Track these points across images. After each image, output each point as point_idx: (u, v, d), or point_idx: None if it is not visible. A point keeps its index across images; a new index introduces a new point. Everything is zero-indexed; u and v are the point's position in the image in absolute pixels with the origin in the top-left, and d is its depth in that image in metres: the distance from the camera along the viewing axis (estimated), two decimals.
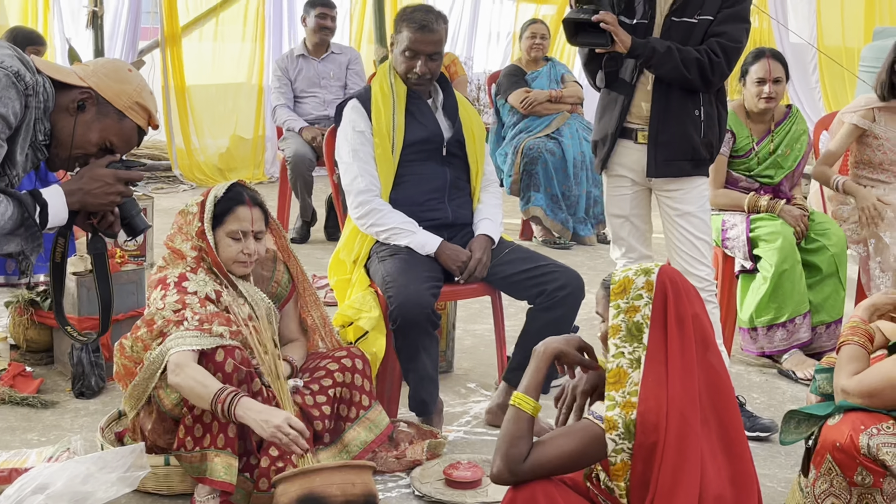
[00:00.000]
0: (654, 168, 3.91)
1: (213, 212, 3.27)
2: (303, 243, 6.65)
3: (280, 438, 2.89)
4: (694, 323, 2.52)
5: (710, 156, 3.95)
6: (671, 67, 3.74)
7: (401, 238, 3.83)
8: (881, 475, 2.74)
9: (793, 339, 4.57)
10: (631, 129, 3.94)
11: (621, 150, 3.98)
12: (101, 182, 2.56)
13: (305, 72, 6.81)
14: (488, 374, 4.46)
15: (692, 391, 2.47)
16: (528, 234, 7.08)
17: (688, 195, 3.96)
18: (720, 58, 3.75)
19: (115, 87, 2.61)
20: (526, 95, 6.94)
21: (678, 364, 2.47)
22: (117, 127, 2.62)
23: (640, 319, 2.51)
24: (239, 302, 3.26)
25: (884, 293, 3.09)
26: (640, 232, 4.09)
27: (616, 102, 3.94)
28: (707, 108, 3.88)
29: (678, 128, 3.86)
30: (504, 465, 2.47)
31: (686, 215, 3.97)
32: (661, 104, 3.85)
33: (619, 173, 4.02)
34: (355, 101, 3.94)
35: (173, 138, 8.40)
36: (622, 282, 2.55)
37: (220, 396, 2.96)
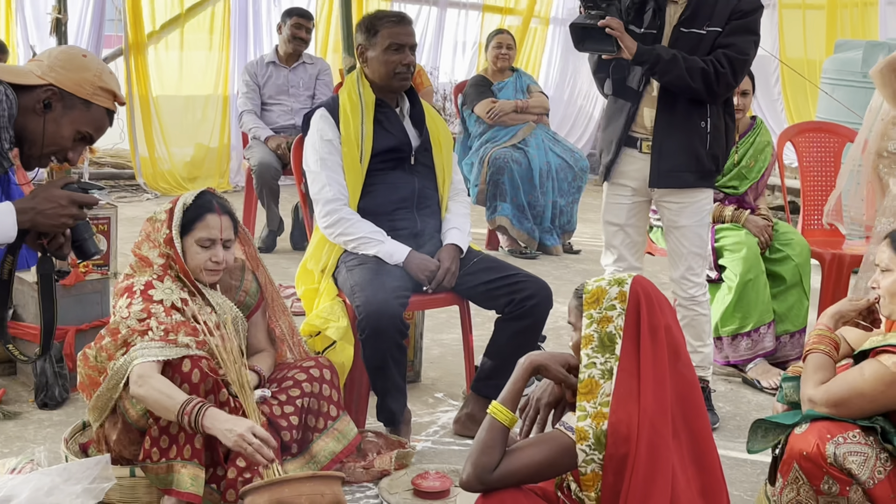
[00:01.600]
0: (657, 178, 3.93)
1: (182, 219, 3.24)
2: (269, 252, 6.61)
3: (244, 448, 2.86)
4: (666, 334, 2.54)
5: (717, 168, 3.95)
6: (676, 76, 3.75)
7: (369, 248, 3.82)
8: (847, 484, 2.76)
9: (757, 349, 4.61)
10: (635, 138, 3.96)
11: (625, 158, 3.99)
12: (55, 203, 2.53)
13: (274, 79, 6.79)
14: (456, 384, 4.46)
15: (664, 403, 2.49)
16: (495, 244, 7.09)
17: (686, 209, 3.98)
18: (726, 69, 3.76)
19: (76, 77, 2.59)
20: (492, 106, 6.96)
21: (650, 376, 2.48)
22: (87, 116, 2.61)
23: (612, 330, 2.52)
24: (206, 310, 3.24)
25: (848, 300, 3.13)
26: (633, 242, 4.10)
27: (622, 111, 3.95)
28: (714, 119, 3.89)
29: (683, 139, 3.86)
30: (474, 473, 2.47)
31: (682, 228, 4.00)
32: (666, 114, 3.87)
33: (621, 182, 4.03)
34: (323, 109, 3.93)
35: (137, 147, 8.33)
36: (595, 292, 2.56)
37: (186, 409, 2.94)
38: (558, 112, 10.12)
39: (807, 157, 5.37)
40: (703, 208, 4.01)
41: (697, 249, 4.02)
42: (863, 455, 2.75)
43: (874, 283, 3.04)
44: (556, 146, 7.13)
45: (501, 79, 7.16)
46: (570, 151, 7.18)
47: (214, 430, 2.91)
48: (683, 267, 4.04)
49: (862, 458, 2.75)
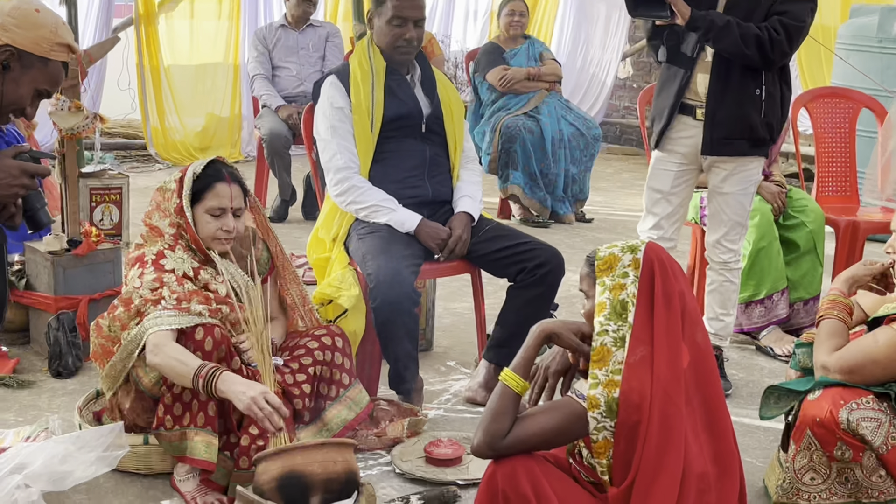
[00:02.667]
0: (710, 146, 3.91)
1: (192, 188, 3.23)
2: (281, 222, 6.61)
3: (255, 412, 2.87)
4: (680, 301, 2.52)
5: (771, 136, 3.92)
6: (730, 42, 3.72)
7: (380, 216, 3.81)
8: (860, 449, 2.76)
9: (771, 316, 4.59)
10: (690, 106, 3.93)
11: (678, 125, 3.97)
12: (6, 174, 2.52)
13: (284, 41, 6.78)
14: (468, 353, 4.46)
15: (677, 370, 2.47)
16: (507, 213, 7.07)
17: (734, 176, 3.95)
18: (781, 36, 3.72)
19: (32, 35, 2.58)
20: (504, 73, 6.91)
21: (664, 343, 2.47)
22: (44, 73, 2.61)
23: (625, 297, 2.50)
24: (218, 279, 3.24)
25: (862, 264, 3.10)
26: (673, 212, 4.08)
27: (675, 78, 3.93)
28: (769, 87, 3.85)
29: (736, 106, 3.83)
30: (485, 440, 2.47)
31: (726, 195, 3.99)
32: (720, 81, 3.84)
33: (672, 149, 4.01)
34: (333, 77, 3.91)
35: (148, 117, 8.32)
36: (608, 259, 2.54)
37: (201, 373, 2.94)
38: (571, 80, 10.06)
39: (821, 124, 5.31)
40: (751, 177, 3.99)
41: (738, 217, 4.01)
42: (876, 421, 2.75)
43: (889, 248, 3.02)
44: (568, 114, 7.09)
45: (514, 46, 7.11)
46: (583, 119, 7.14)
47: (228, 393, 2.92)
48: (721, 232, 4.04)
49: (875, 424, 2.75)
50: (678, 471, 2.45)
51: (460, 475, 3.31)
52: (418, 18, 3.87)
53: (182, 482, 3.12)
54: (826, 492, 2.82)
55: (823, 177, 5.31)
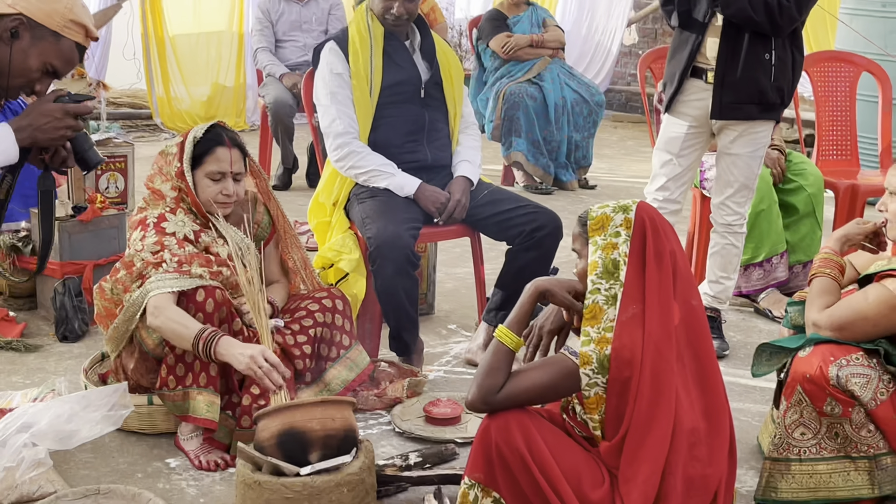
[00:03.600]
0: (719, 110, 3.94)
1: (193, 152, 3.28)
2: (285, 190, 6.66)
3: (255, 371, 2.93)
4: (671, 259, 2.55)
5: (782, 100, 3.95)
6: (738, 8, 3.76)
7: (380, 180, 3.85)
8: (850, 405, 2.80)
9: (770, 279, 4.63)
10: (701, 69, 3.97)
11: (689, 88, 4.01)
12: (51, 117, 2.51)
13: (287, 15, 6.78)
14: (469, 316, 4.51)
15: (668, 327, 2.51)
16: (510, 180, 7.10)
17: (743, 137, 3.99)
18: (789, 2, 3.75)
19: (46, 7, 2.53)
20: (507, 40, 6.92)
21: (655, 301, 2.50)
22: (55, 48, 2.55)
23: (617, 257, 2.53)
24: (219, 242, 3.29)
25: (855, 222, 3.13)
26: (680, 175, 4.11)
27: (687, 42, 3.97)
28: (780, 52, 3.87)
29: (746, 70, 3.87)
30: (479, 394, 2.52)
31: (734, 156, 4.02)
32: (729, 46, 3.87)
33: (683, 111, 4.05)
34: (332, 43, 3.94)
35: (153, 87, 8.35)
36: (600, 218, 2.57)
37: (202, 336, 3.00)
38: (576, 47, 10.04)
39: (822, 87, 5.33)
40: (761, 140, 4.01)
41: (745, 179, 4.04)
42: (865, 377, 2.79)
43: (882, 207, 3.04)
44: (571, 81, 7.10)
45: (517, 13, 7.11)
46: (586, 86, 7.14)
47: (228, 356, 2.98)
48: (727, 193, 4.08)
49: (864, 380, 2.79)
50: (669, 425, 2.49)
51: (458, 434, 3.36)
52: None
53: (186, 441, 3.19)
54: (816, 446, 2.86)
55: (824, 141, 5.33)
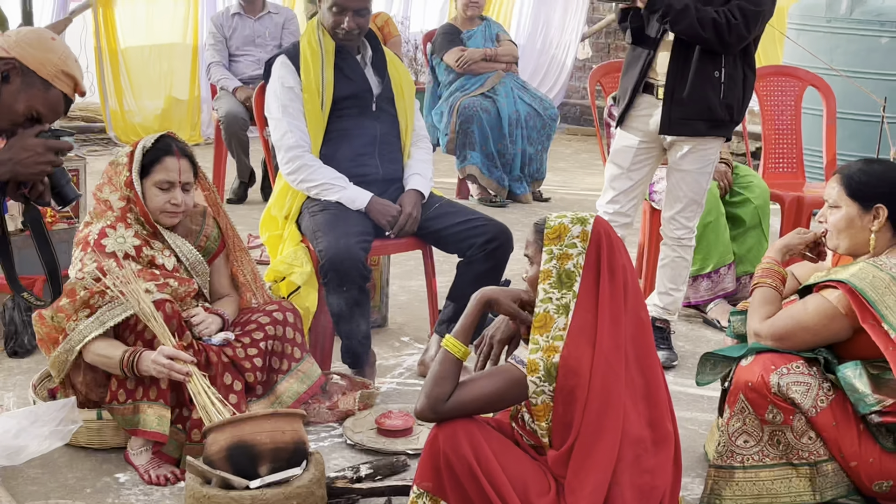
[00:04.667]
0: (668, 126, 3.98)
1: (142, 162, 3.29)
2: (240, 203, 6.65)
3: (160, 371, 3.03)
4: (623, 274, 2.62)
5: (731, 117, 3.98)
6: (687, 25, 3.79)
7: (331, 193, 3.87)
8: (791, 413, 2.86)
9: (718, 289, 4.70)
10: (651, 85, 4.02)
11: (640, 103, 4.05)
12: (32, 152, 2.56)
13: (240, 30, 6.78)
14: (422, 329, 4.53)
15: (619, 339, 2.57)
16: (465, 193, 7.14)
17: (692, 154, 4.03)
18: (738, 21, 3.79)
19: (40, 56, 2.62)
20: (461, 54, 6.97)
21: (607, 314, 2.56)
22: (43, 96, 2.63)
23: (571, 267, 2.58)
24: (165, 253, 3.30)
25: (796, 232, 3.20)
26: (632, 188, 4.14)
27: (640, 58, 4.01)
28: (730, 69, 3.91)
29: (695, 87, 3.90)
30: (427, 403, 2.55)
31: (683, 172, 4.07)
32: (679, 62, 3.91)
33: (634, 126, 4.09)
34: (284, 57, 3.96)
35: (107, 100, 8.31)
36: (557, 228, 2.62)
37: (124, 362, 3.08)
38: (531, 62, 10.12)
39: (768, 101, 5.42)
40: (710, 157, 4.05)
41: (694, 195, 4.10)
42: (806, 385, 2.85)
43: (822, 218, 3.12)
44: (525, 94, 7.16)
45: (470, 27, 7.16)
46: (539, 100, 7.21)
47: (147, 370, 3.07)
48: (677, 208, 4.13)
49: (805, 388, 2.85)
50: (617, 435, 2.54)
51: (410, 445, 3.39)
52: (358, 8, 3.89)
53: (135, 455, 3.18)
54: (759, 453, 2.92)
55: (770, 154, 5.42)
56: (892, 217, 2.95)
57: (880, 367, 2.85)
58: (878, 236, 2.96)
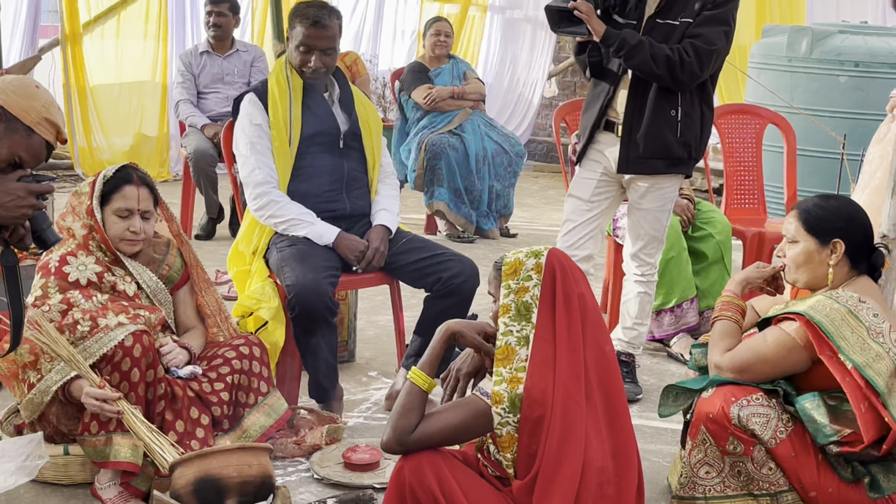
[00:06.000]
0: (626, 165, 4.01)
1: (102, 190, 3.35)
2: (208, 239, 6.65)
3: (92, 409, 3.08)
4: (580, 302, 2.66)
5: (689, 155, 4.02)
6: (641, 60, 3.83)
7: (299, 229, 3.90)
8: (751, 444, 2.91)
9: (681, 324, 4.76)
10: (611, 123, 4.05)
11: (601, 141, 4.08)
12: (13, 196, 2.58)
13: (209, 68, 6.82)
14: (390, 363, 4.56)
15: (577, 368, 2.61)
16: (433, 229, 7.20)
17: (651, 193, 4.06)
18: (691, 58, 3.82)
19: (23, 103, 2.66)
20: (429, 92, 7.05)
21: (565, 342, 2.60)
22: (26, 143, 2.67)
23: (528, 300, 2.63)
24: (126, 280, 3.33)
25: (755, 266, 3.27)
26: (591, 221, 4.14)
27: (600, 96, 4.04)
28: (686, 107, 3.95)
29: (652, 126, 3.94)
30: (393, 435, 2.58)
31: (644, 211, 4.11)
32: (636, 101, 3.95)
33: (595, 159, 4.12)
34: (252, 94, 4.01)
35: (75, 137, 8.31)
36: (513, 263, 2.67)
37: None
38: (498, 99, 10.23)
39: (729, 139, 5.53)
40: (668, 195, 4.10)
41: (654, 232, 4.15)
42: (765, 416, 2.90)
43: (780, 252, 3.18)
44: (492, 132, 7.24)
45: (438, 65, 7.25)
46: (506, 137, 7.30)
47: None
48: (638, 246, 4.18)
49: (764, 420, 2.90)
50: (578, 464, 2.57)
51: (377, 479, 3.40)
52: (325, 48, 3.95)
53: (103, 490, 3.18)
54: (720, 484, 2.97)
55: (732, 190, 5.52)
56: (848, 251, 3.02)
57: (838, 399, 2.91)
58: (836, 270, 3.03)
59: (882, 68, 6.88)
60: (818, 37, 7.06)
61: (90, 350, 3.14)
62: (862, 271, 3.05)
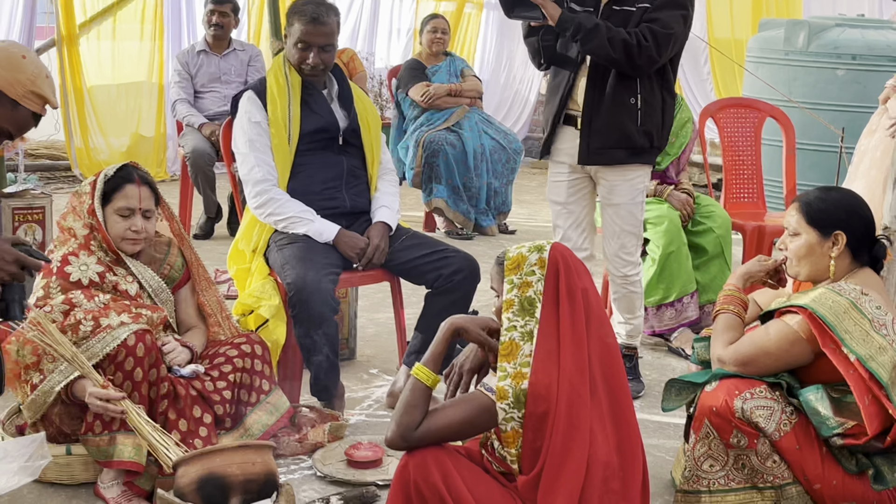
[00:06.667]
0: (586, 156, 3.94)
1: (103, 190, 3.34)
2: (207, 238, 6.64)
3: (97, 410, 3.06)
4: (583, 297, 2.65)
5: (651, 144, 3.95)
6: (597, 45, 3.75)
7: (299, 227, 3.89)
8: (755, 437, 2.91)
9: (681, 318, 4.76)
10: (572, 116, 3.98)
11: (562, 135, 4.02)
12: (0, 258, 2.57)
13: (206, 67, 6.81)
14: (391, 360, 4.55)
15: (582, 362, 2.60)
16: (432, 226, 7.19)
17: (619, 186, 3.99)
18: (649, 42, 3.74)
19: (9, 76, 2.64)
20: (426, 89, 7.04)
21: (569, 337, 2.59)
22: (10, 115, 2.67)
23: (532, 295, 2.62)
24: (128, 280, 3.32)
25: (757, 260, 3.27)
26: (577, 222, 4.10)
27: (559, 88, 3.98)
28: (646, 95, 3.87)
29: (611, 115, 3.87)
30: (398, 432, 2.57)
31: (615, 206, 4.02)
32: (595, 91, 3.88)
33: (559, 159, 4.07)
34: (251, 92, 4.00)
35: (72, 138, 8.30)
36: (516, 258, 2.66)
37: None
38: (494, 96, 10.22)
39: (728, 133, 5.52)
40: (637, 186, 4.02)
41: (630, 228, 4.06)
42: (769, 409, 2.90)
43: (782, 245, 3.17)
44: (489, 128, 7.24)
45: (435, 63, 7.24)
46: (504, 133, 7.29)
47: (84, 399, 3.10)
48: (617, 245, 4.08)
49: (768, 412, 2.90)
50: (583, 458, 2.57)
51: (380, 476, 3.40)
52: (323, 44, 3.94)
53: (106, 489, 3.17)
54: (724, 478, 2.96)
55: (731, 184, 5.51)
56: (850, 243, 3.02)
57: (841, 391, 2.90)
58: (838, 262, 3.02)
59: (879, 61, 6.88)
60: (815, 30, 7.06)
61: (93, 350, 3.13)
62: (864, 263, 3.05)
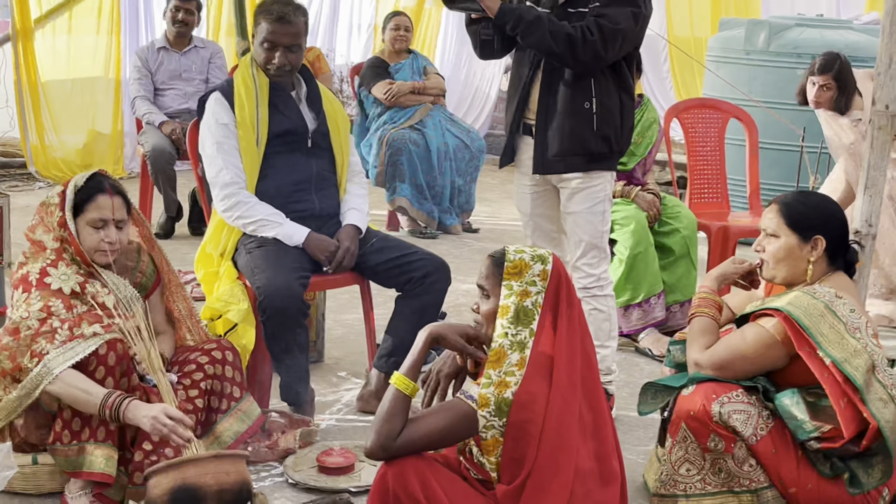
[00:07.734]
0: (541, 165, 3.76)
1: (74, 201, 3.24)
2: (167, 238, 6.56)
3: (160, 430, 2.93)
4: (578, 313, 2.67)
5: (610, 149, 3.73)
6: (538, 38, 3.56)
7: (268, 230, 3.85)
8: (732, 441, 2.92)
9: (648, 318, 4.77)
10: (528, 126, 3.81)
11: (521, 145, 3.87)
12: None
13: (166, 64, 6.72)
14: (359, 363, 4.52)
15: (574, 378, 2.61)
16: (395, 225, 7.16)
17: (578, 194, 3.77)
18: (595, 37, 3.53)
19: None
20: (389, 87, 7.00)
21: (564, 352, 2.60)
22: None
23: (529, 305, 2.61)
24: (104, 292, 3.25)
25: (731, 261, 3.28)
26: (545, 233, 3.95)
27: (516, 93, 3.83)
28: (603, 98, 3.67)
29: (565, 122, 3.67)
30: (377, 441, 2.55)
31: (574, 214, 3.81)
32: (548, 96, 3.70)
33: (521, 170, 3.91)
34: (218, 93, 3.94)
35: (27, 135, 8.15)
36: (518, 263, 2.64)
37: (108, 403, 2.99)
38: (455, 93, 10.20)
39: (692, 133, 5.55)
40: (597, 195, 3.79)
41: (590, 238, 3.81)
42: (746, 413, 2.91)
43: (758, 247, 3.15)
44: (452, 127, 7.22)
45: (398, 60, 7.20)
46: (467, 132, 7.27)
47: (135, 420, 2.97)
48: (577, 255, 3.86)
49: (745, 416, 2.91)
50: (571, 471, 2.58)
51: (352, 483, 3.37)
52: (289, 44, 3.88)
53: (74, 499, 3.10)
54: (701, 482, 2.97)
55: (696, 184, 5.54)
56: (828, 248, 3.03)
57: (816, 395, 2.92)
58: (815, 266, 3.04)
59: None
60: (775, 30, 7.12)
61: (64, 357, 3.05)
62: (838, 267, 3.07)
